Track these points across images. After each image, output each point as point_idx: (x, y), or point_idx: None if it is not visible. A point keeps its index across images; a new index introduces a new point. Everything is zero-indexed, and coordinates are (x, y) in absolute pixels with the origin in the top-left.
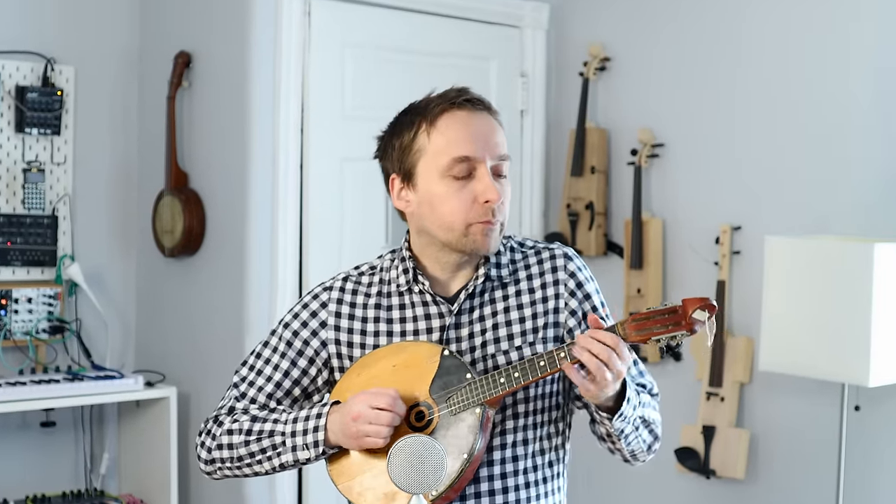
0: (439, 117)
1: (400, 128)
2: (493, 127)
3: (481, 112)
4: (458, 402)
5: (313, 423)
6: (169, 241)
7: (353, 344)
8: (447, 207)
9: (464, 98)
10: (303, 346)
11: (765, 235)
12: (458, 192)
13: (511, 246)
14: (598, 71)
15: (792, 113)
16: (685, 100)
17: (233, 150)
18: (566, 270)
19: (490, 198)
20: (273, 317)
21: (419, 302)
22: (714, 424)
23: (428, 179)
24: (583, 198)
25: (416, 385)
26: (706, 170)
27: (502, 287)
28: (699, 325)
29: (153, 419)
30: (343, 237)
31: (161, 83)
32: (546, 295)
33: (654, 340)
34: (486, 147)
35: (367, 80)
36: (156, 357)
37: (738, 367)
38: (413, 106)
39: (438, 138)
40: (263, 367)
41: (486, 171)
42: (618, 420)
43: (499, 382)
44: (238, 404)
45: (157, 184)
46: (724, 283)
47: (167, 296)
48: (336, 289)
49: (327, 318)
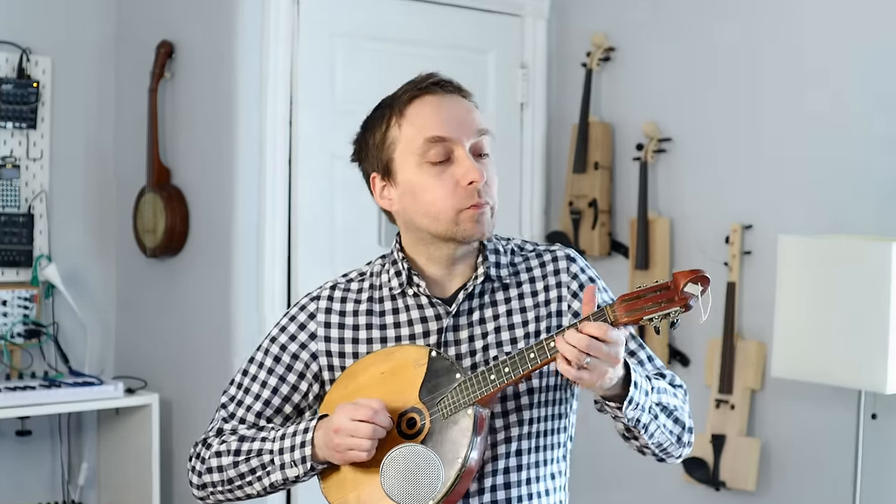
0: (408, 106)
1: (371, 124)
2: (466, 107)
3: (451, 94)
4: (448, 405)
5: (300, 438)
6: (150, 240)
7: (345, 354)
8: (429, 195)
9: (430, 82)
10: (291, 360)
11: (777, 234)
12: (438, 178)
13: (512, 248)
14: (601, 62)
15: (806, 105)
16: (693, 92)
17: (218, 144)
18: (568, 272)
19: (472, 178)
20: (260, 320)
21: (414, 305)
22: (724, 433)
23: (406, 170)
24: (586, 195)
25: (405, 391)
26: (715, 165)
27: (503, 289)
28: (693, 299)
29: (134, 428)
30: (334, 236)
31: (142, 74)
32: (549, 297)
33: (646, 320)
34: (461, 127)
35: (360, 71)
36: (137, 362)
37: (749, 373)
38: (382, 101)
39: (409, 127)
40: (251, 384)
41: (464, 151)
42: (629, 408)
43: (489, 380)
44: (227, 425)
45: (139, 180)
46: (734, 284)
47: (149, 298)
48: (324, 298)
49: (316, 330)
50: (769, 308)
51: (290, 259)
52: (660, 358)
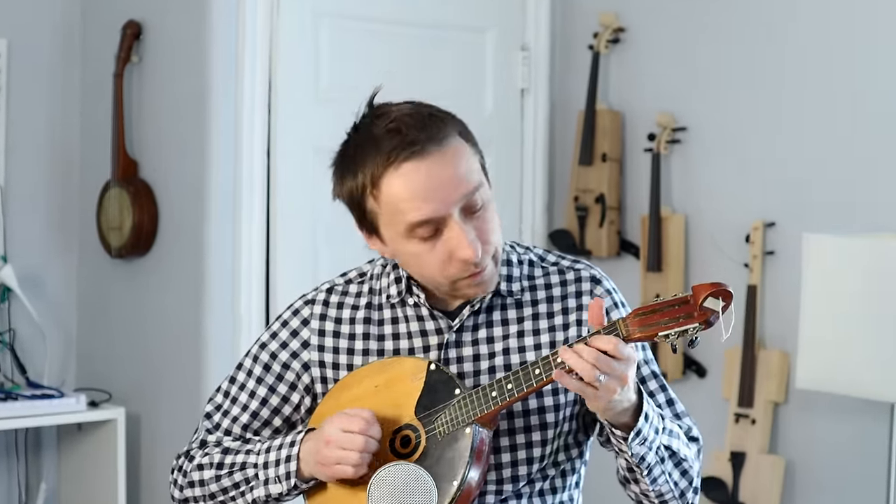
0: (380, 180)
1: (344, 171)
2: (450, 163)
3: (429, 153)
4: (446, 423)
5: (285, 452)
6: (116, 239)
7: (340, 365)
8: (423, 269)
9: (402, 152)
10: (282, 369)
11: (803, 233)
12: (430, 252)
13: (530, 259)
14: (610, 44)
15: (835, 91)
16: (711, 77)
17: (189, 135)
18: (592, 295)
19: (465, 256)
20: (236, 327)
21: (413, 316)
22: (744, 450)
23: (393, 241)
24: (593, 190)
25: (400, 406)
26: (735, 157)
27: (517, 306)
28: (713, 316)
29: (98, 444)
30: (317, 237)
31: (107, 58)
32: (567, 321)
33: (661, 337)
34: (446, 196)
35: (345, 55)
36: (101, 373)
37: (771, 384)
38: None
39: (387, 202)
40: (238, 393)
41: (455, 223)
42: (635, 441)
43: (490, 397)
44: (211, 437)
45: (103, 174)
46: (755, 287)
47: (114, 302)
48: (319, 302)
49: (310, 337)
50: (793, 314)
51: (268, 261)
52: (674, 369)
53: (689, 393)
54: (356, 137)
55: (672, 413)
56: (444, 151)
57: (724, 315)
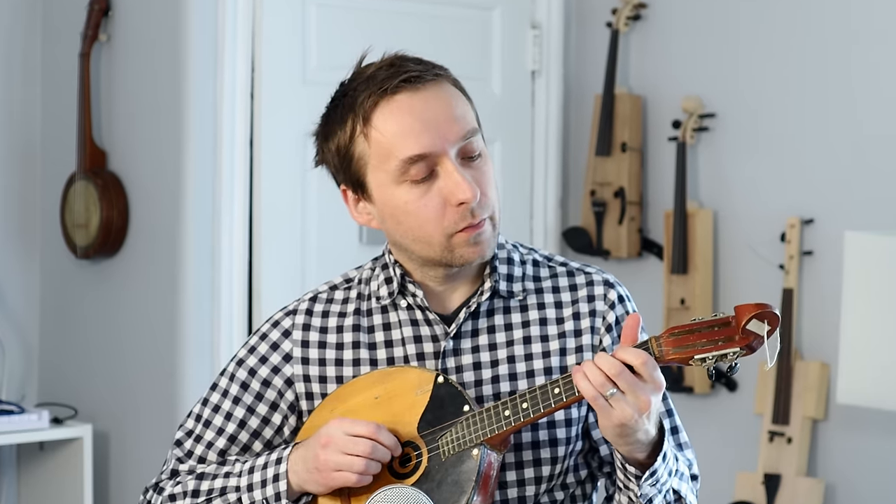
0: (373, 112)
1: (331, 126)
2: (446, 100)
3: (425, 86)
4: (451, 442)
5: (272, 470)
6: (82, 238)
7: (327, 378)
8: (414, 220)
9: (398, 78)
10: (262, 387)
11: (844, 231)
12: (422, 199)
13: (534, 259)
14: (630, 20)
15: (882, 72)
16: (743, 57)
17: (164, 122)
18: (605, 300)
19: (463, 198)
20: (214, 336)
21: (407, 320)
22: (779, 472)
23: (382, 190)
24: (611, 183)
25: (401, 421)
26: (769, 147)
27: (521, 310)
28: (757, 340)
29: (62, 464)
30: (306, 234)
31: (72, 36)
32: (578, 328)
33: (697, 360)
34: (443, 132)
35: (336, 32)
36: (65, 387)
37: (809, 399)
38: (341, 93)
39: (379, 139)
40: (212, 416)
41: (450, 162)
42: (647, 481)
43: (503, 416)
44: (182, 465)
45: (67, 165)
46: (791, 291)
47: (80, 308)
48: (301, 312)
49: (292, 350)
50: (834, 321)
51: (251, 261)
52: (701, 382)
53: (718, 409)
54: (343, 90)
55: (675, 443)
56: (441, 87)
57: (769, 340)
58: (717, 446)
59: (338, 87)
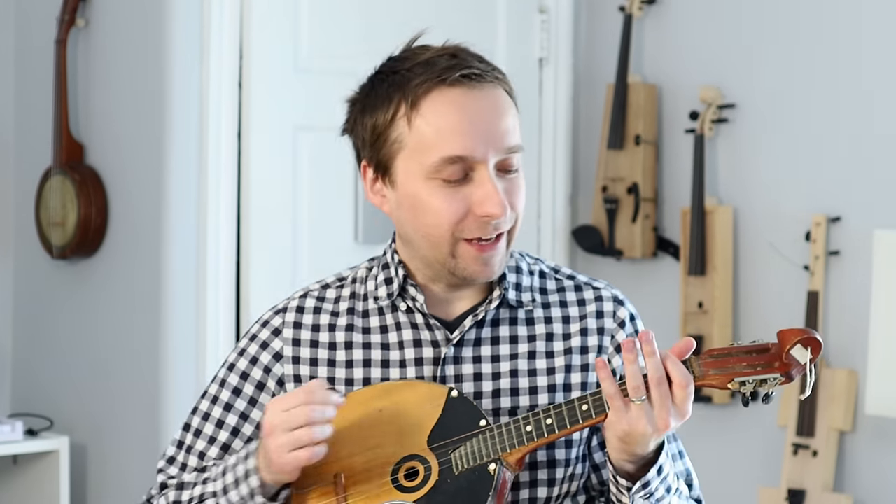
0: (424, 98)
1: (373, 100)
2: (500, 108)
3: (483, 87)
4: (465, 456)
5: (242, 468)
6: (58, 237)
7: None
8: (433, 218)
9: (459, 72)
10: (255, 391)
11: (874, 230)
12: (448, 199)
13: (541, 270)
14: (644, 5)
15: None
16: (765, 44)
17: (145, 112)
18: (615, 318)
19: (491, 212)
20: (199, 341)
21: (406, 323)
22: (803, 488)
23: (409, 179)
24: (624, 178)
25: (410, 434)
26: (793, 140)
27: (528, 323)
28: (797, 368)
29: (37, 479)
30: (297, 232)
31: (47, 21)
32: (585, 344)
33: (737, 382)
34: (490, 139)
35: (331, 17)
36: (40, 396)
37: (836, 409)
38: (391, 69)
39: (423, 128)
40: (203, 425)
41: (487, 173)
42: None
43: (524, 432)
44: (172, 481)
45: (42, 159)
46: (817, 294)
47: (56, 312)
48: (292, 310)
49: (283, 349)
50: (862, 326)
51: (238, 261)
52: (720, 392)
53: (738, 420)
54: (393, 66)
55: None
56: (497, 92)
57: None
58: (737, 459)
59: (385, 61)
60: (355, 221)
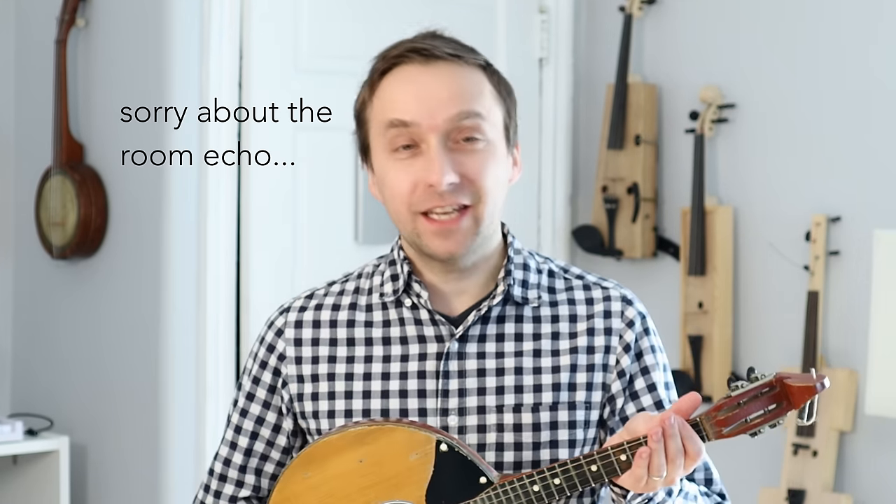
0: (382, 79)
1: (358, 93)
2: (453, 77)
3: (437, 64)
4: None
5: None
6: (58, 237)
7: (319, 377)
8: (390, 192)
9: (407, 48)
10: (268, 394)
11: (873, 230)
12: (401, 172)
13: (550, 269)
14: (644, 4)
15: None
16: (765, 44)
17: (145, 113)
18: (623, 318)
19: (431, 180)
20: (200, 341)
21: (410, 319)
22: (803, 488)
23: (377, 158)
24: (624, 178)
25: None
26: (792, 140)
27: (534, 321)
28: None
29: (37, 479)
30: (297, 232)
31: (47, 22)
32: (592, 344)
33: (750, 435)
34: (435, 107)
35: (331, 17)
36: (40, 396)
37: (836, 409)
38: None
39: (377, 104)
40: (226, 432)
41: (434, 140)
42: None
43: (532, 491)
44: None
45: (42, 159)
46: (816, 294)
47: (56, 312)
48: (294, 309)
49: (285, 349)
50: (862, 325)
51: (239, 261)
52: (720, 392)
53: None
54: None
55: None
56: (454, 67)
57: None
58: (737, 460)
59: None
60: (355, 221)
